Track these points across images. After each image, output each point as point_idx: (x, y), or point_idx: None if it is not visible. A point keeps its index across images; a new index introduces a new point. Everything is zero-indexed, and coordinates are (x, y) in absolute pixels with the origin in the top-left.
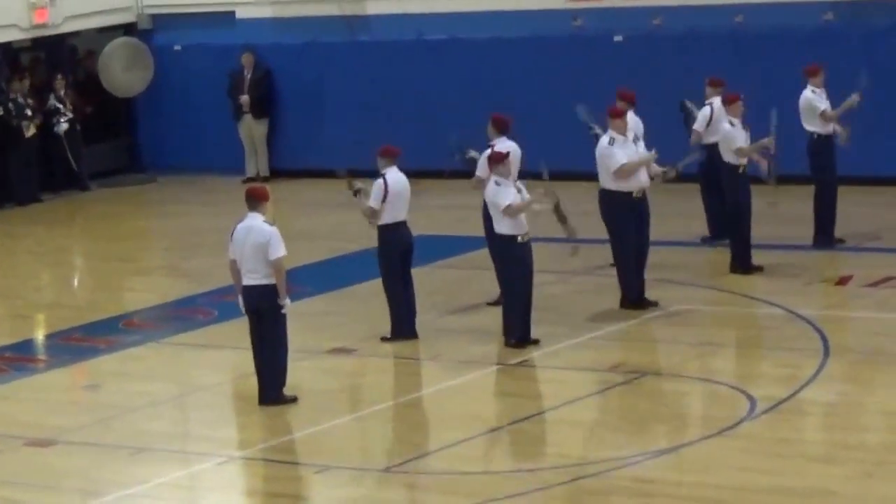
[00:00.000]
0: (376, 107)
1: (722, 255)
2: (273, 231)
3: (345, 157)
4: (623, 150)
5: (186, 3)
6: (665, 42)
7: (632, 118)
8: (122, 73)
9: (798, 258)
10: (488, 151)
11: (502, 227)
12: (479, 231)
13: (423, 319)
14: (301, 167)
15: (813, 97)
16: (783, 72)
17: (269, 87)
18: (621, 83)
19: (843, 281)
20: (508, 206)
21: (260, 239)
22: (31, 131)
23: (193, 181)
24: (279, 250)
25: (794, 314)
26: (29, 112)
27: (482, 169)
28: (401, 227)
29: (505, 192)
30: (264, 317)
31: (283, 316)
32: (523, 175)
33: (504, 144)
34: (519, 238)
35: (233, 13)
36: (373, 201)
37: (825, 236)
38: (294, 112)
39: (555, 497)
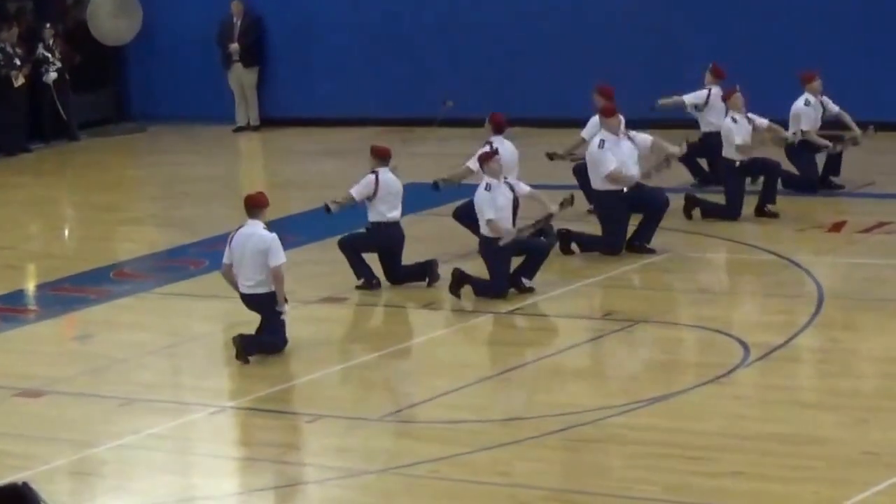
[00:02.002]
0: (366, 54)
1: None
2: (273, 238)
3: (335, 106)
4: (615, 152)
5: None
6: None
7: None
8: (111, 21)
9: (791, 204)
10: (485, 148)
11: (487, 231)
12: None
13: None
14: (291, 115)
15: (804, 110)
16: (773, 17)
17: (258, 34)
18: (614, 28)
19: (836, 227)
20: (489, 221)
21: (260, 245)
22: (19, 81)
23: (183, 130)
24: (279, 257)
25: (787, 261)
26: (17, 61)
27: (474, 161)
28: (391, 227)
29: (490, 202)
30: (263, 321)
31: (282, 322)
32: (515, 122)
33: (501, 144)
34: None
35: None
36: (355, 192)
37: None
38: (284, 60)
39: (548, 445)
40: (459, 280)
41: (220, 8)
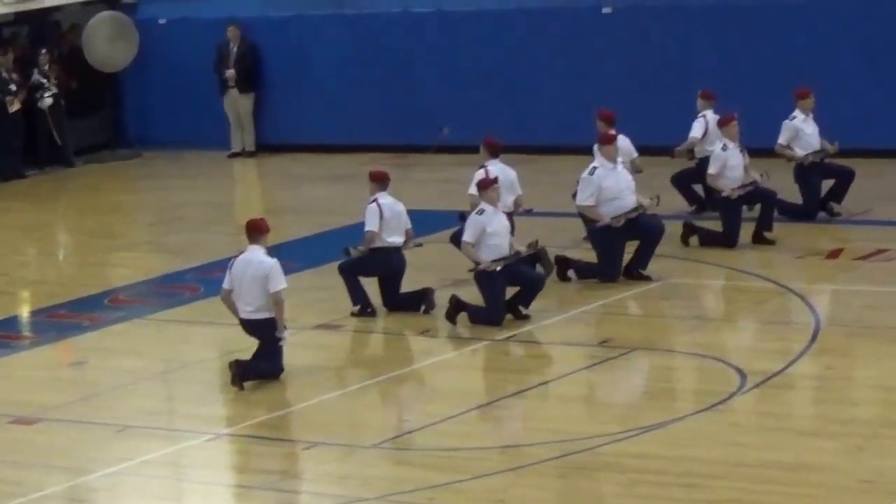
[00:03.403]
0: (362, 80)
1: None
2: (274, 263)
3: (330, 132)
4: (609, 181)
5: None
6: (654, 13)
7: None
8: (107, 47)
9: (788, 231)
10: (480, 172)
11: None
12: (464, 204)
13: None
14: (287, 141)
15: (787, 124)
16: (772, 42)
17: (254, 60)
18: (610, 56)
19: (833, 254)
20: (464, 244)
21: (260, 271)
22: (15, 106)
23: (179, 156)
24: (280, 283)
25: (784, 288)
26: (13, 87)
27: (475, 188)
28: (392, 252)
29: (476, 225)
30: (261, 347)
31: (280, 348)
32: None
33: (496, 168)
34: (497, 267)
35: None
36: (370, 225)
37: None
38: (280, 86)
39: (544, 473)
40: (456, 307)
41: (217, 33)
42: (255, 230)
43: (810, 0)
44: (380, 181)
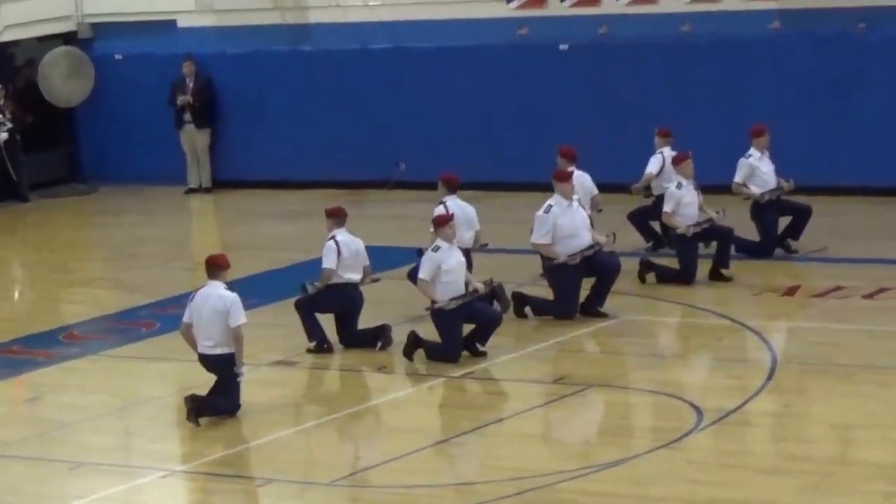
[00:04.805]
0: (319, 117)
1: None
2: (234, 298)
3: (287, 168)
4: (564, 218)
5: (127, 11)
6: (611, 51)
7: (576, 178)
8: (63, 82)
9: (745, 268)
10: (440, 209)
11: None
12: (422, 241)
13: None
14: (244, 178)
15: (741, 162)
16: (729, 80)
17: (211, 96)
18: (567, 92)
19: (790, 291)
20: (420, 281)
21: (221, 306)
22: None
23: (135, 192)
24: (240, 318)
25: (741, 325)
26: None
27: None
28: (349, 288)
29: (431, 262)
30: (219, 382)
31: (237, 384)
32: (469, 185)
33: (454, 204)
34: (453, 305)
35: (174, 22)
36: (327, 262)
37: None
38: (236, 122)
39: None
40: (414, 343)
41: (173, 69)
42: (216, 265)
43: (766, 38)
44: (337, 218)
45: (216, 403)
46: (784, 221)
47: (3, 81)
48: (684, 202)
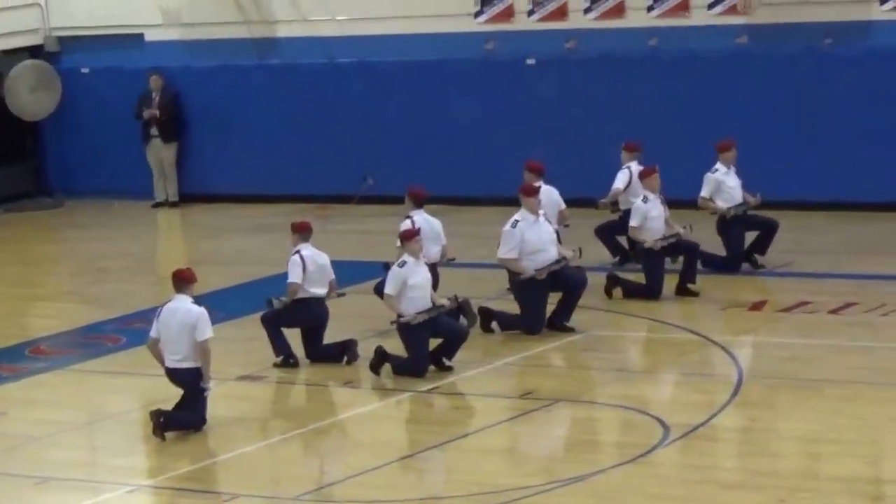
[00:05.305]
0: (286, 131)
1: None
2: (201, 312)
3: (254, 182)
4: (531, 233)
5: (94, 25)
6: (578, 65)
7: (544, 192)
8: (29, 95)
9: (712, 283)
10: (406, 223)
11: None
12: (389, 256)
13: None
14: (211, 192)
15: (708, 177)
16: (696, 95)
17: (177, 110)
18: (534, 107)
19: (756, 306)
20: (387, 296)
21: (187, 320)
22: None
23: (101, 206)
24: (207, 332)
25: (707, 339)
26: None
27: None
28: (315, 303)
29: (398, 278)
30: (186, 396)
31: (204, 399)
32: (437, 200)
33: (421, 218)
34: (420, 320)
35: (141, 36)
36: (293, 277)
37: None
38: (203, 136)
39: None
40: (381, 358)
41: (140, 83)
42: (183, 280)
43: (733, 53)
44: (302, 232)
45: (182, 418)
46: (750, 236)
47: None
48: (651, 216)
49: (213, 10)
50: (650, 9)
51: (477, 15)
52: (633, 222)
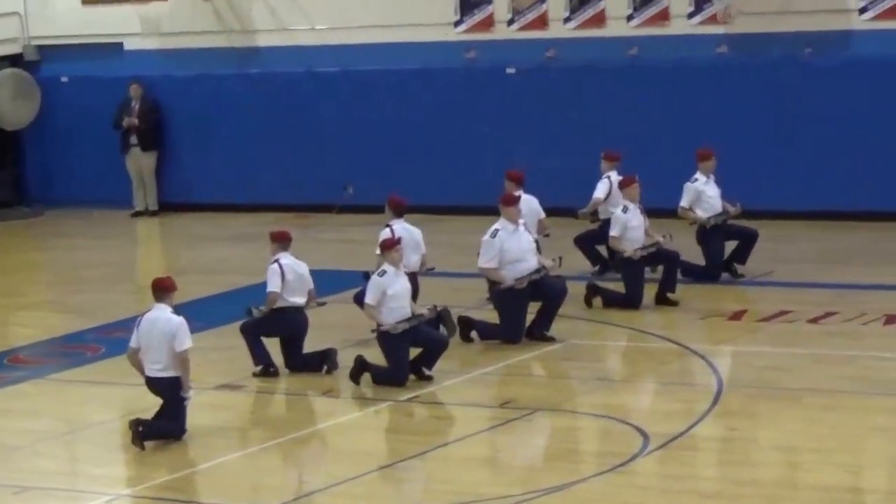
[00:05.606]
0: (266, 140)
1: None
2: (181, 322)
3: (234, 191)
4: (511, 242)
5: (74, 34)
6: (558, 74)
7: (524, 202)
8: (9, 104)
9: (692, 292)
10: (386, 232)
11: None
12: (369, 265)
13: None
14: (190, 200)
15: (687, 186)
16: (676, 104)
17: (157, 119)
18: (514, 116)
19: (736, 315)
20: (367, 306)
21: (167, 329)
22: None
23: (81, 215)
24: (186, 342)
25: (687, 349)
26: None
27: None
28: (294, 312)
29: (378, 287)
30: (165, 405)
31: (184, 408)
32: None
33: (401, 227)
34: (399, 329)
35: (120, 45)
36: (272, 286)
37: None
38: (183, 145)
39: None
40: (361, 367)
41: (120, 92)
42: (162, 288)
43: (713, 62)
44: (281, 241)
45: (162, 427)
46: (730, 246)
47: None
48: (630, 226)
49: (193, 20)
50: (630, 18)
51: (457, 24)
52: (612, 232)
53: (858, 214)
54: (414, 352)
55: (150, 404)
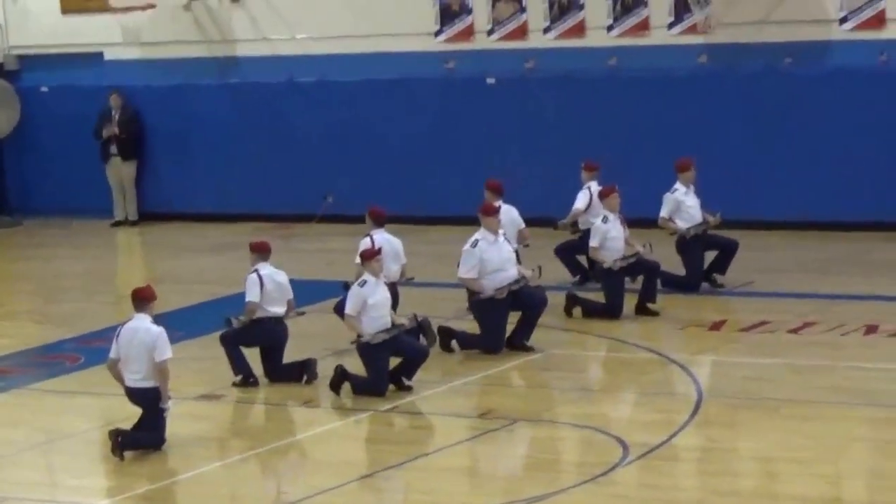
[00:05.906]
0: (246, 150)
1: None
2: (160, 332)
3: (214, 201)
4: (491, 253)
5: (53, 43)
6: (538, 84)
7: (504, 212)
8: None
9: (672, 303)
10: (366, 241)
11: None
12: (349, 275)
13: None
14: (170, 210)
15: (667, 197)
16: (656, 115)
17: (137, 128)
18: (494, 126)
19: (716, 325)
20: (347, 316)
21: (147, 339)
22: None
23: (60, 225)
24: (166, 352)
25: (667, 359)
26: None
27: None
28: (274, 322)
29: (358, 297)
30: (145, 415)
31: (163, 418)
32: (397, 219)
33: (381, 237)
34: (379, 339)
35: (101, 54)
36: (251, 296)
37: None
38: (163, 155)
39: None
40: (341, 377)
41: (100, 101)
42: (142, 298)
43: (693, 73)
44: (260, 252)
45: (141, 438)
46: (710, 256)
47: None
48: (610, 236)
49: (173, 29)
50: (610, 28)
51: (437, 34)
52: (592, 242)
53: (839, 225)
54: (394, 361)
55: (129, 414)
